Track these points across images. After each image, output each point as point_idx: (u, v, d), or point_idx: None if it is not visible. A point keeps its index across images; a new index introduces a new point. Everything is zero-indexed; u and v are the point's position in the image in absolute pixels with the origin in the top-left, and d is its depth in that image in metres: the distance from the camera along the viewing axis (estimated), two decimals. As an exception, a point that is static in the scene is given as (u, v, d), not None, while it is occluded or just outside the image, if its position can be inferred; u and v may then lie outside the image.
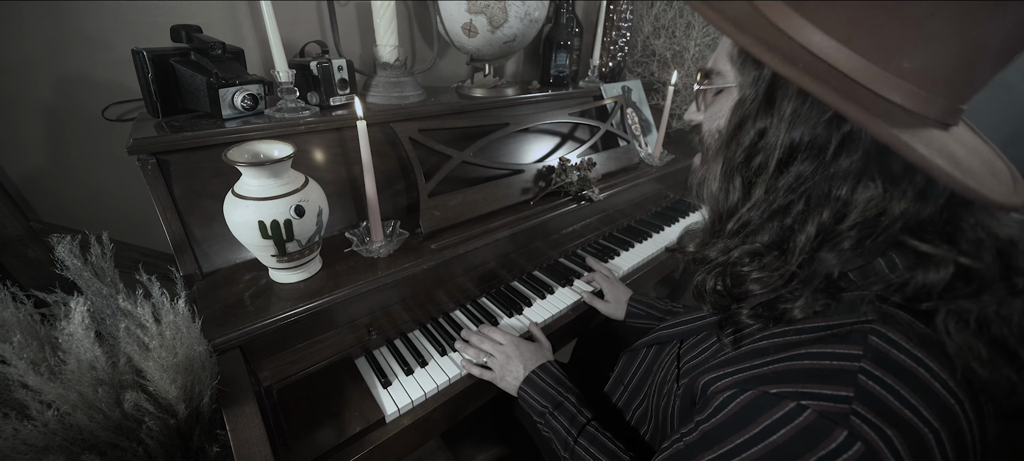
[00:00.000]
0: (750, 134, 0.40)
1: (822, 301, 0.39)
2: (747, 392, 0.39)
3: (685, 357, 0.55)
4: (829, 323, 0.38)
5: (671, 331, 0.62)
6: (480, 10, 0.98)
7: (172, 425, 0.54)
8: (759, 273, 0.42)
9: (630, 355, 0.71)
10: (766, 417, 0.37)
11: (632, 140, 1.30)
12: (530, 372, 0.71)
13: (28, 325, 0.53)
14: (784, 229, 0.40)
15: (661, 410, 0.57)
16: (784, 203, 0.39)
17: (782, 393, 0.36)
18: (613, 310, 0.94)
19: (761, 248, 0.41)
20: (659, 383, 0.60)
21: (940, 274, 0.35)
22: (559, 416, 0.64)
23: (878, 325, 0.36)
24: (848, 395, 0.34)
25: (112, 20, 0.80)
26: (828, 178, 0.37)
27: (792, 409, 0.35)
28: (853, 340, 0.36)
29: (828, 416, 0.34)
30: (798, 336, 0.39)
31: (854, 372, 0.34)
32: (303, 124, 0.80)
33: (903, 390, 0.33)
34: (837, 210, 0.37)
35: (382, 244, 0.80)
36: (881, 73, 0.33)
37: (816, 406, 0.34)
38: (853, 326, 0.37)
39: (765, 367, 0.39)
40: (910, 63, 0.32)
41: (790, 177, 0.38)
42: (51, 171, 0.83)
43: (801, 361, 0.37)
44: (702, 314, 0.57)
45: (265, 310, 0.67)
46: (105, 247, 0.61)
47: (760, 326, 0.43)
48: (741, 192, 0.42)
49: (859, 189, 0.36)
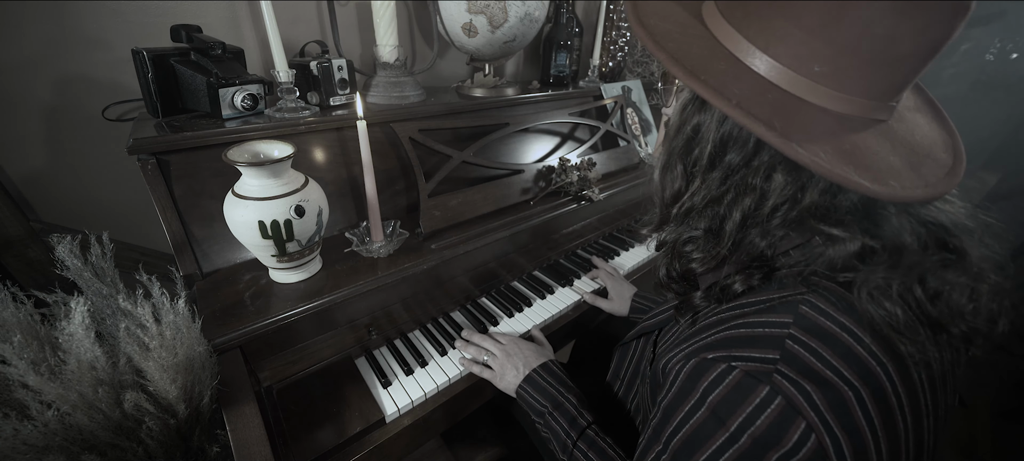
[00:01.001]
0: (688, 129, 0.45)
1: (758, 276, 0.43)
2: (690, 361, 0.42)
3: (660, 344, 0.58)
4: (768, 297, 0.42)
5: (653, 321, 0.64)
6: (480, 10, 0.98)
7: (172, 425, 0.54)
8: (699, 254, 0.46)
9: (622, 349, 0.72)
10: (704, 380, 0.40)
11: (632, 140, 1.30)
12: (530, 371, 0.71)
13: (28, 325, 0.53)
14: (718, 216, 0.44)
15: (644, 397, 0.60)
16: (718, 193, 0.43)
17: (717, 358, 0.40)
18: (616, 307, 0.94)
19: (700, 235, 0.46)
20: (643, 372, 0.62)
21: (842, 250, 0.39)
22: (559, 417, 0.64)
23: (809, 296, 0.39)
24: (774, 357, 0.37)
25: (112, 20, 0.80)
26: (750, 169, 0.41)
27: (723, 370, 0.39)
28: (785, 309, 0.40)
29: (753, 375, 0.37)
30: (741, 310, 0.43)
31: (782, 338, 0.38)
32: (303, 124, 0.80)
33: (825, 352, 0.36)
34: (756, 198, 0.41)
35: (382, 244, 0.80)
36: (795, 77, 0.36)
37: (743, 366, 0.38)
38: (788, 297, 0.40)
39: (709, 337, 0.43)
40: (820, 67, 0.35)
41: (722, 168, 0.42)
42: (51, 171, 0.83)
43: (738, 329, 0.41)
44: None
45: (265, 310, 0.67)
46: (105, 247, 0.62)
47: (712, 306, 0.47)
48: (682, 180, 0.47)
49: (772, 179, 0.40)
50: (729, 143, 0.42)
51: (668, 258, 0.50)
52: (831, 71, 0.36)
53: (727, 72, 0.38)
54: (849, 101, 0.36)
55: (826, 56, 0.35)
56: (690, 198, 0.46)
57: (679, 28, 0.43)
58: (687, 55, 0.39)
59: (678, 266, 0.49)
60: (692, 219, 0.46)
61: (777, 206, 0.40)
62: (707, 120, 0.43)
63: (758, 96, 0.37)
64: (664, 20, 0.43)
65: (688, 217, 0.46)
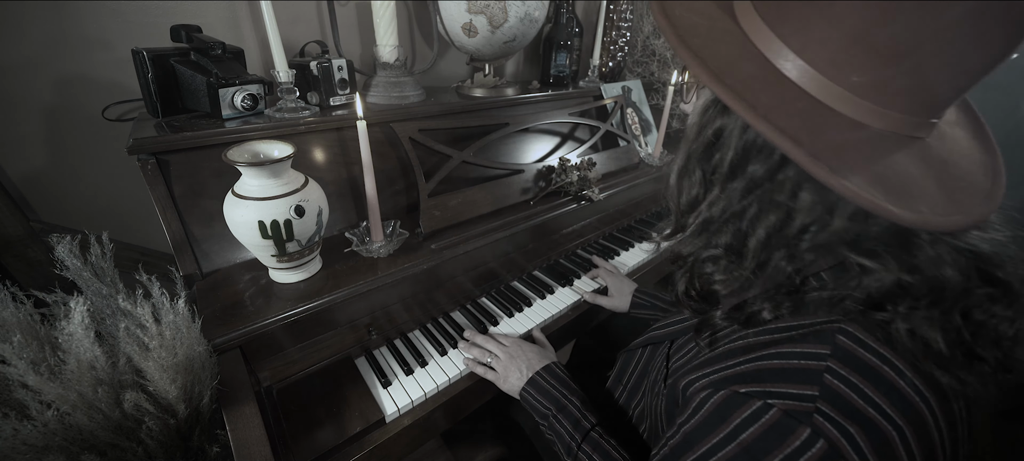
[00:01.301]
0: (710, 132, 0.42)
1: (788, 303, 0.40)
2: (719, 392, 0.40)
3: (673, 357, 0.56)
4: (800, 323, 0.39)
5: (663, 331, 0.63)
6: (480, 10, 0.98)
7: (172, 425, 0.54)
8: (720, 275, 0.43)
9: (627, 355, 0.72)
10: (736, 416, 0.37)
11: (632, 140, 1.30)
12: (533, 373, 0.71)
13: (28, 325, 0.53)
14: (740, 232, 0.41)
15: (654, 409, 0.58)
16: (739, 207, 0.40)
17: (750, 392, 0.37)
18: (617, 303, 0.94)
19: (721, 253, 0.43)
20: (652, 383, 0.60)
21: (878, 282, 0.36)
22: (562, 419, 0.64)
23: (846, 324, 0.37)
24: (813, 394, 0.35)
25: (112, 20, 0.80)
26: (775, 184, 0.38)
27: (758, 408, 0.36)
28: (821, 339, 0.37)
29: (792, 414, 0.35)
30: (771, 336, 0.40)
31: (820, 371, 0.35)
32: (303, 124, 0.80)
33: (867, 389, 0.34)
34: (781, 217, 0.38)
35: (382, 244, 0.80)
36: (830, 85, 0.33)
37: (781, 404, 0.35)
38: (822, 325, 0.38)
39: (738, 367, 0.40)
40: (858, 76, 0.32)
41: (744, 179, 0.39)
42: (51, 171, 0.83)
43: (770, 360, 0.38)
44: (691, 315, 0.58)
45: (265, 310, 0.67)
46: (105, 247, 0.62)
47: (734, 327, 0.44)
48: (700, 187, 0.44)
49: (799, 198, 0.37)
50: (752, 152, 0.38)
51: (687, 276, 0.47)
52: (871, 83, 0.32)
53: (755, 76, 0.35)
54: (887, 116, 0.33)
55: (867, 65, 0.32)
56: (708, 208, 0.43)
57: (706, 22, 0.39)
58: (713, 54, 0.36)
59: (698, 285, 0.46)
60: (711, 233, 0.43)
61: (805, 226, 0.37)
62: (730, 125, 0.40)
63: (786, 105, 0.34)
64: (690, 11, 0.39)
65: (706, 229, 0.44)
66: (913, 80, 0.32)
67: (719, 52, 0.37)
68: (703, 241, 0.44)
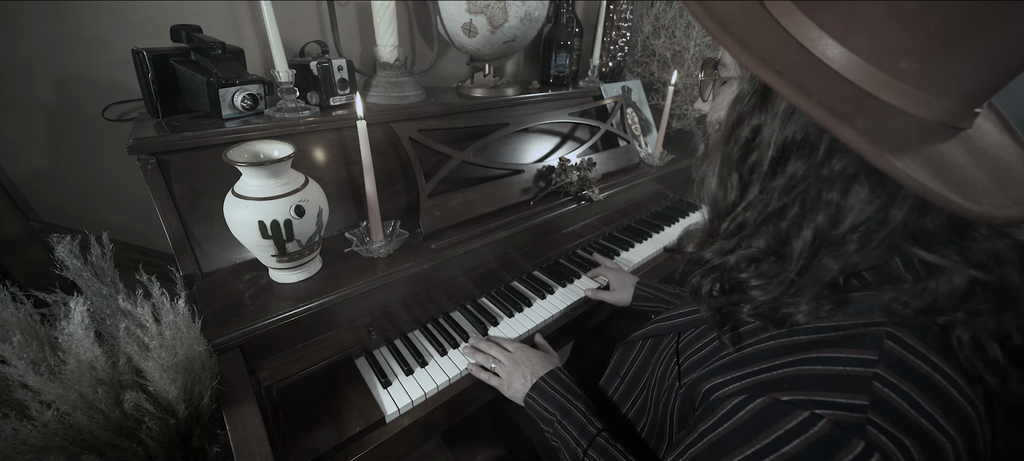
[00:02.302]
0: (746, 130, 0.39)
1: (828, 306, 0.38)
2: (757, 399, 0.37)
3: (685, 352, 0.54)
4: (839, 323, 0.37)
5: (668, 323, 0.61)
6: (480, 10, 0.98)
7: (172, 425, 0.54)
8: (758, 279, 0.40)
9: (626, 348, 0.70)
10: (778, 426, 0.35)
11: (632, 140, 1.30)
12: (538, 379, 0.70)
13: (28, 325, 0.53)
14: (780, 233, 0.39)
15: (661, 406, 0.56)
16: (779, 206, 0.38)
17: (795, 401, 0.35)
18: (619, 297, 0.93)
19: (758, 253, 0.40)
20: (658, 377, 0.58)
21: (952, 284, 0.34)
22: (568, 425, 0.62)
23: (893, 328, 0.35)
24: (863, 404, 0.33)
25: (112, 20, 0.80)
26: (821, 180, 0.36)
27: (806, 418, 0.34)
28: (867, 344, 0.35)
29: (844, 426, 0.33)
30: (806, 336, 0.38)
31: (869, 379, 0.33)
32: (303, 124, 0.80)
33: (919, 398, 0.32)
34: (831, 214, 0.36)
35: (382, 244, 0.80)
36: (876, 72, 0.31)
37: (831, 415, 0.33)
38: (866, 328, 0.36)
39: (774, 372, 0.38)
40: (908, 63, 0.30)
41: (784, 178, 0.37)
42: (51, 171, 0.83)
43: (813, 366, 0.36)
44: None
45: (265, 310, 0.67)
46: (105, 247, 0.61)
47: (761, 324, 0.42)
48: (737, 191, 0.41)
49: (851, 193, 0.35)
50: (793, 149, 0.36)
51: (712, 277, 0.44)
52: (921, 69, 0.30)
53: (799, 63, 0.33)
54: (934, 104, 0.31)
55: (917, 51, 0.30)
56: (744, 210, 0.40)
57: (740, 9, 0.36)
58: (756, 41, 0.33)
59: (728, 287, 0.43)
60: (745, 235, 0.41)
61: (857, 225, 0.35)
62: (768, 121, 0.37)
63: (837, 92, 0.32)
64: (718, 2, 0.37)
65: (739, 232, 0.41)
66: (964, 66, 0.30)
67: (759, 39, 0.34)
68: (734, 243, 0.42)
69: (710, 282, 0.44)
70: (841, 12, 0.32)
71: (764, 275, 0.40)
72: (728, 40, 0.33)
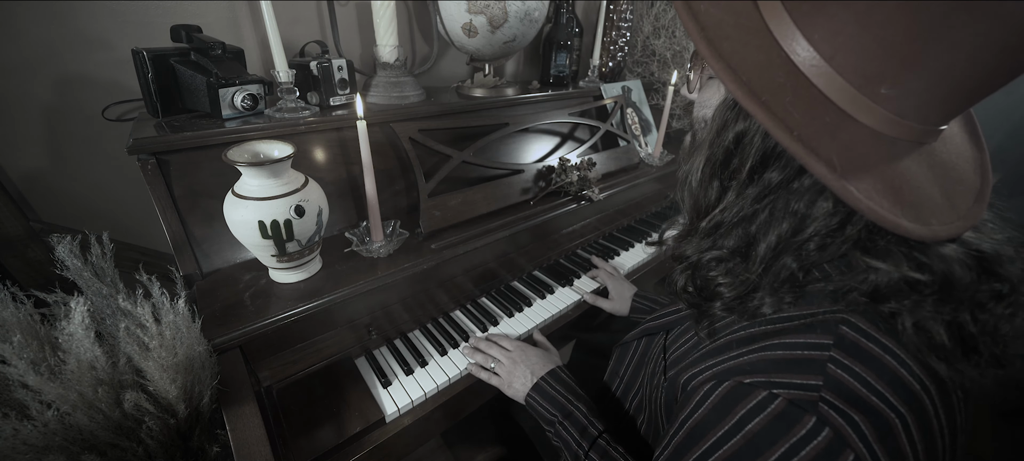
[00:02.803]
0: (730, 136, 0.41)
1: (789, 297, 0.41)
2: (724, 383, 0.40)
3: (670, 348, 0.56)
4: (801, 312, 0.40)
5: (658, 322, 0.63)
6: (480, 10, 0.98)
7: (172, 425, 0.54)
8: (724, 278, 0.43)
9: (622, 348, 0.71)
10: (741, 407, 0.38)
11: (632, 140, 1.30)
12: (539, 379, 0.70)
13: (28, 325, 0.53)
14: (748, 236, 0.41)
15: (653, 402, 0.58)
16: (750, 211, 0.41)
17: (755, 382, 0.38)
18: (617, 306, 0.93)
19: (726, 254, 0.43)
20: (649, 374, 0.60)
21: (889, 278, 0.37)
22: (569, 426, 0.63)
23: (848, 314, 0.37)
24: (817, 383, 0.35)
25: (112, 20, 0.80)
26: (791, 191, 0.38)
27: (764, 398, 0.37)
28: (824, 329, 0.37)
29: (797, 403, 0.35)
30: (772, 326, 0.41)
31: (824, 361, 0.36)
32: (303, 124, 0.80)
33: (870, 377, 0.35)
34: (795, 224, 0.39)
35: (382, 244, 0.80)
36: (857, 97, 0.33)
37: (786, 394, 0.36)
38: (824, 315, 0.38)
39: (740, 358, 0.41)
40: (888, 89, 0.32)
41: (760, 185, 0.40)
42: (51, 171, 0.83)
43: (773, 351, 0.39)
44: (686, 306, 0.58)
45: (265, 310, 0.67)
46: (105, 247, 0.61)
47: (734, 318, 0.44)
48: (717, 192, 0.44)
49: (816, 205, 0.38)
50: (771, 159, 0.39)
51: (687, 274, 0.47)
52: (899, 95, 0.32)
53: (785, 87, 0.34)
54: (902, 125, 0.33)
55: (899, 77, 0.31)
56: (721, 212, 0.43)
57: (733, 18, 0.37)
58: (744, 63, 0.35)
59: (699, 283, 0.46)
60: (719, 235, 0.44)
61: (817, 233, 0.38)
62: (751, 129, 0.39)
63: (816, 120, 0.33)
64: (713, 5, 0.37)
65: (715, 232, 0.44)
66: (941, 91, 0.32)
67: (749, 57, 0.35)
68: (709, 243, 0.45)
69: (685, 279, 0.48)
70: (830, 31, 0.33)
71: (730, 274, 0.43)
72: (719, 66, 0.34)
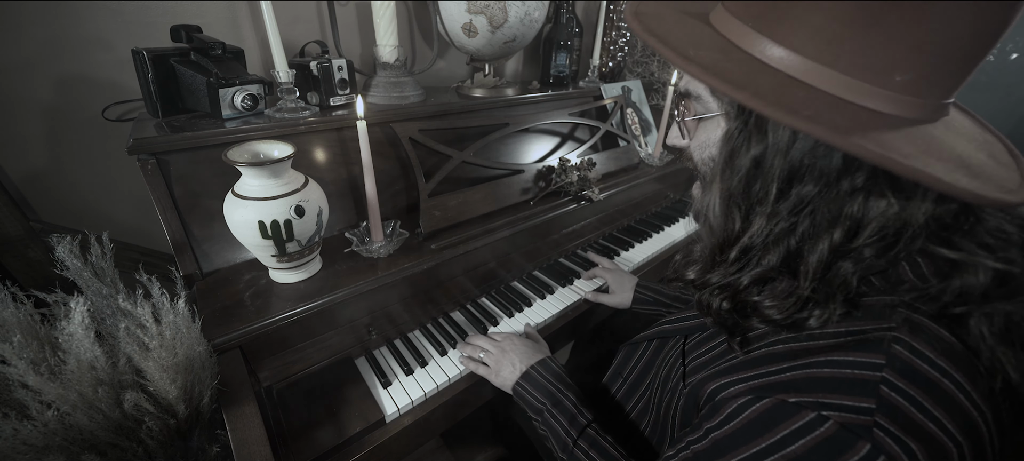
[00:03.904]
0: (745, 163, 0.39)
1: (839, 311, 0.38)
2: (763, 400, 0.38)
3: (691, 354, 0.54)
4: (849, 328, 0.37)
5: (674, 326, 0.61)
6: (480, 10, 0.98)
7: (172, 425, 0.54)
8: (772, 300, 0.40)
9: (630, 348, 0.70)
10: (784, 426, 0.36)
11: (632, 140, 1.30)
12: (528, 367, 0.70)
13: (28, 325, 0.53)
14: (792, 249, 0.39)
15: (664, 406, 0.56)
16: (788, 225, 0.38)
17: (801, 402, 0.35)
18: (619, 299, 0.93)
19: (770, 271, 0.40)
20: (662, 378, 0.58)
21: (978, 279, 0.34)
22: (557, 414, 0.63)
23: (902, 333, 0.35)
24: (870, 407, 0.33)
25: (112, 20, 0.80)
26: (836, 198, 0.36)
27: (813, 419, 0.34)
28: (875, 348, 0.35)
29: (850, 428, 0.33)
30: (815, 341, 0.38)
31: (876, 382, 0.34)
32: (303, 124, 0.80)
33: (927, 402, 0.32)
34: (849, 227, 0.36)
35: (382, 244, 0.80)
36: (871, 89, 0.32)
37: (838, 417, 0.34)
38: (875, 333, 0.36)
39: (782, 374, 0.38)
40: (902, 76, 0.31)
41: (791, 200, 0.38)
42: (51, 171, 0.83)
43: (821, 369, 0.36)
44: None
45: (265, 310, 0.67)
46: (105, 247, 0.61)
47: (770, 329, 0.42)
48: (742, 220, 0.41)
49: (871, 204, 0.36)
50: (799, 172, 0.37)
51: (722, 296, 0.44)
52: (912, 78, 0.32)
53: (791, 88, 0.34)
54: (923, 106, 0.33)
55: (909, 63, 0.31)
56: (751, 238, 0.40)
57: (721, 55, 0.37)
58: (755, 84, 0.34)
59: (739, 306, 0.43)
60: (752, 257, 0.41)
61: (875, 233, 0.36)
62: (769, 150, 0.37)
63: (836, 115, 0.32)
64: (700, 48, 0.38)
65: (744, 256, 0.41)
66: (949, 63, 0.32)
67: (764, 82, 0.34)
68: (738, 266, 0.42)
69: (719, 300, 0.44)
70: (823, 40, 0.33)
71: (778, 296, 0.40)
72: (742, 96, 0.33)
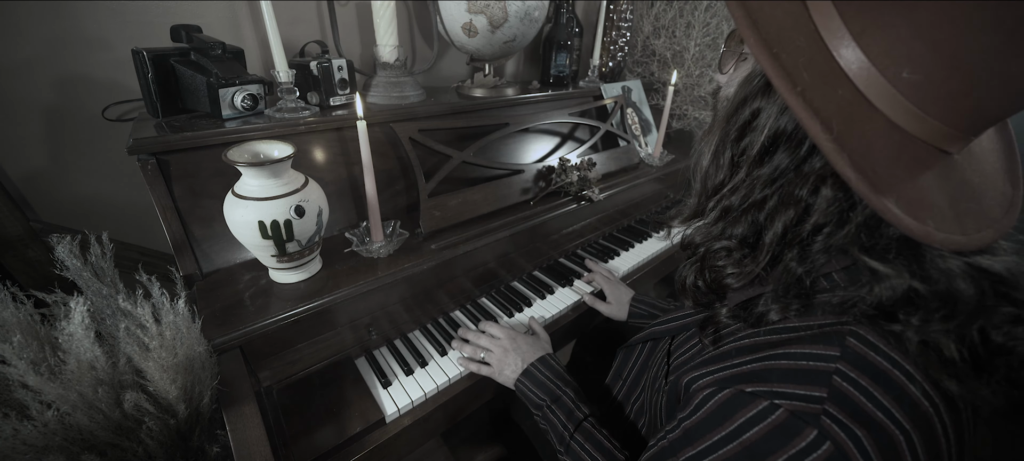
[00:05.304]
0: (747, 112, 0.40)
1: (797, 304, 0.40)
2: (724, 390, 0.40)
3: (675, 353, 0.56)
4: (808, 323, 0.39)
5: (664, 327, 0.63)
6: (480, 10, 0.98)
7: (172, 425, 0.54)
8: (733, 268, 0.43)
9: (626, 351, 0.72)
10: (741, 415, 0.37)
11: (632, 140, 1.30)
12: (528, 364, 0.71)
13: (28, 325, 0.53)
14: (757, 224, 0.41)
15: (654, 405, 0.58)
16: (760, 197, 0.40)
17: (757, 392, 0.37)
18: (615, 311, 0.94)
19: (735, 245, 0.43)
20: (652, 378, 0.61)
21: (888, 289, 0.35)
22: (556, 410, 0.65)
23: (857, 327, 0.36)
24: (821, 395, 0.34)
25: (112, 20, 0.80)
26: (798, 176, 0.37)
27: (765, 408, 0.36)
28: (831, 341, 0.36)
29: (799, 415, 0.34)
30: (778, 335, 0.40)
31: (829, 373, 0.35)
32: (303, 124, 0.80)
33: (876, 392, 0.34)
34: (800, 211, 0.38)
35: (382, 244, 0.80)
36: (878, 78, 0.32)
37: (788, 405, 0.35)
38: (832, 327, 0.37)
39: (744, 366, 0.40)
40: (910, 73, 0.31)
41: (769, 167, 0.39)
42: (51, 171, 0.83)
43: (778, 361, 0.38)
44: (692, 311, 0.58)
45: (265, 310, 0.67)
46: (105, 247, 0.61)
47: (740, 326, 0.44)
48: (727, 171, 0.43)
49: (819, 193, 0.36)
50: (782, 140, 0.38)
51: (697, 266, 0.47)
52: (919, 82, 0.30)
53: (803, 51, 0.33)
54: (924, 122, 0.31)
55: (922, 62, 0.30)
56: (730, 193, 0.42)
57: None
58: (768, 18, 0.34)
59: (709, 277, 0.46)
60: (728, 222, 0.43)
61: (820, 226, 0.37)
62: (767, 106, 0.39)
63: (828, 88, 0.32)
64: None
65: (724, 217, 0.43)
66: (962, 89, 0.30)
67: (775, 16, 0.34)
68: (718, 230, 0.44)
69: (694, 273, 0.47)
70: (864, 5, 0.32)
71: (738, 264, 0.43)
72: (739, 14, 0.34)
